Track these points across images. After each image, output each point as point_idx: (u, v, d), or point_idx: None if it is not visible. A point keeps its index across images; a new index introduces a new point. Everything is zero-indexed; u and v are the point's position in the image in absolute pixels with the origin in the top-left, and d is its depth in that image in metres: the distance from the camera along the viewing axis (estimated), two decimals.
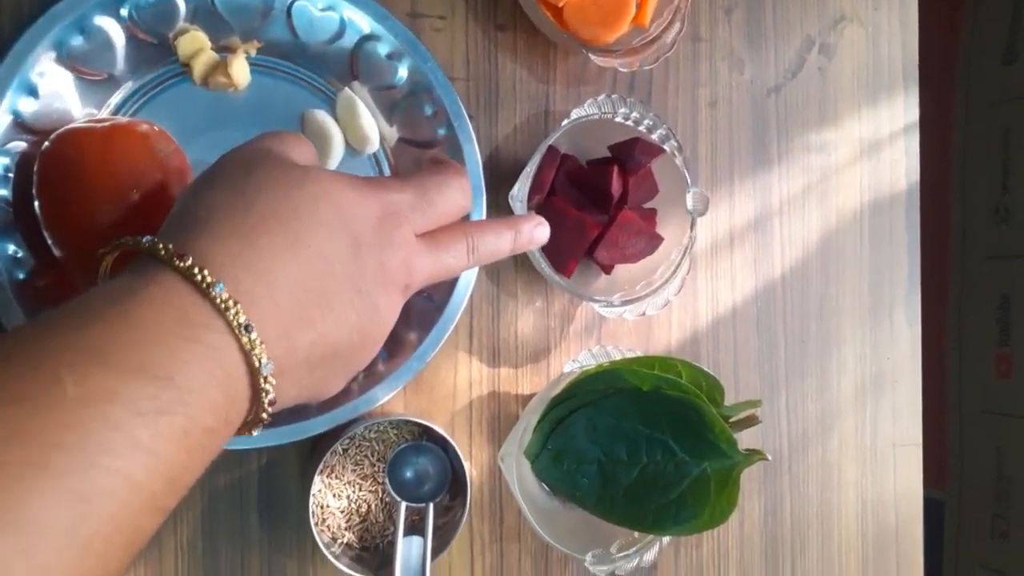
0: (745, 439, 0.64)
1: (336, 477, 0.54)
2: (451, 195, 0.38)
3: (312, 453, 0.54)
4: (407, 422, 0.54)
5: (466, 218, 0.53)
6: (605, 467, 0.56)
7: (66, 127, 0.45)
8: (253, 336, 0.30)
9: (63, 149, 0.43)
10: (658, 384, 0.54)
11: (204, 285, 0.29)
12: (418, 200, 0.37)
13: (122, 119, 0.47)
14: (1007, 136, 1.07)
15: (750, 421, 0.56)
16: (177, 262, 0.30)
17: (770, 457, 0.54)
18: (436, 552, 0.52)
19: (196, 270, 0.30)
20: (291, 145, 0.37)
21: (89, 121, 0.46)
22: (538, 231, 0.43)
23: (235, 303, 0.30)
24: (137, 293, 0.29)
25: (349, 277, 0.33)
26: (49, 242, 0.45)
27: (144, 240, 0.31)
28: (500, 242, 0.41)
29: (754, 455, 0.53)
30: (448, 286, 0.55)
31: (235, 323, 0.29)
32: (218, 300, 0.29)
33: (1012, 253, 1.06)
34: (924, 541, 0.73)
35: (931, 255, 0.89)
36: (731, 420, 0.56)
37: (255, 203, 0.32)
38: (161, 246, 0.30)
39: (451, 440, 0.53)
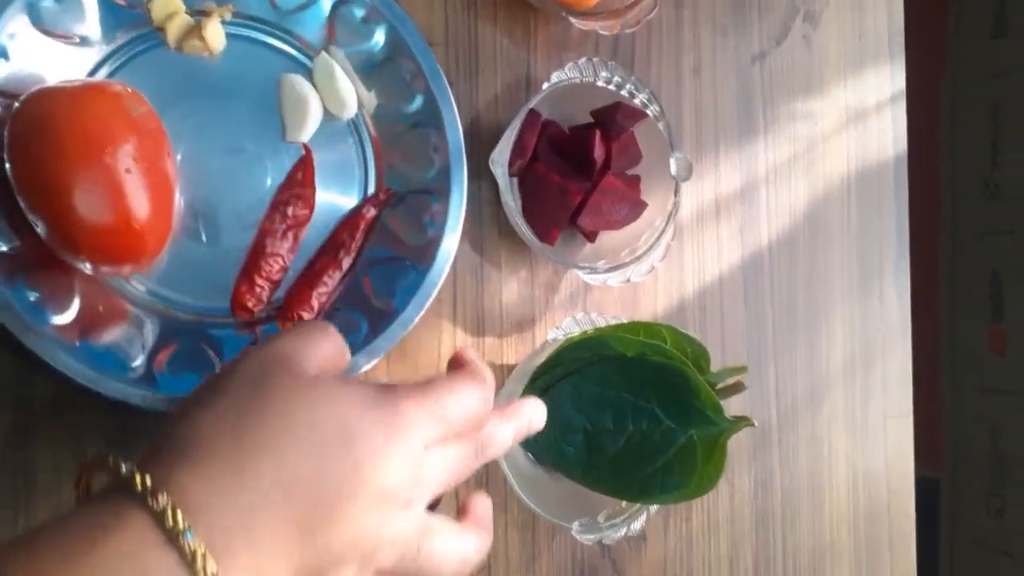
0: (733, 410, 0.63)
1: None
2: (469, 409, 0.37)
3: None
4: None
5: (437, 217, 0.51)
6: (591, 436, 0.55)
7: (37, 88, 0.44)
8: None
9: (33, 109, 0.43)
10: (643, 350, 0.54)
11: (175, 532, 0.28)
12: (433, 417, 0.36)
13: (93, 80, 0.46)
14: (996, 112, 1.06)
15: (736, 388, 0.55)
16: (152, 503, 0.29)
17: (757, 423, 0.53)
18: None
19: (169, 513, 0.28)
20: (312, 346, 0.35)
21: (60, 83, 0.45)
22: (535, 417, 0.43)
23: (204, 554, 0.28)
24: (97, 540, 0.28)
25: (340, 503, 0.32)
26: (22, 207, 0.44)
27: (124, 468, 0.30)
28: (505, 439, 0.40)
29: (741, 421, 0.53)
30: (430, 253, 0.54)
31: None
32: (186, 550, 0.28)
33: (1002, 229, 1.05)
34: (920, 521, 0.72)
35: (921, 232, 0.89)
36: (717, 387, 0.55)
37: (253, 430, 0.31)
38: (138, 479, 0.29)
39: None
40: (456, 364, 0.41)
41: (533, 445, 0.57)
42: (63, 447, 0.49)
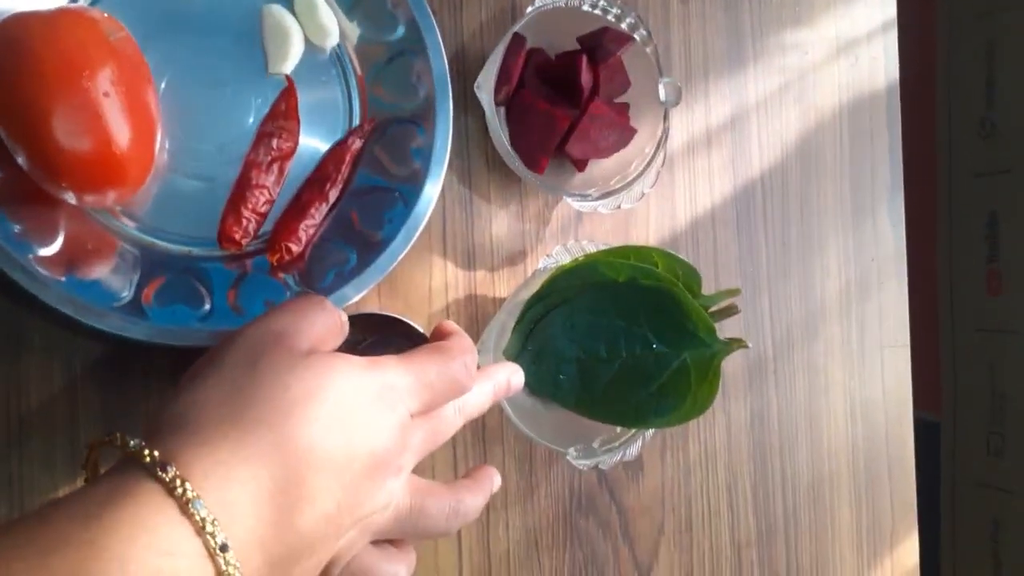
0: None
1: None
2: (453, 377, 0.39)
3: None
4: (387, 319, 0.53)
5: (423, 147, 0.51)
6: (584, 365, 0.55)
7: (11, 14, 0.43)
8: (229, 556, 0.30)
9: (8, 34, 0.42)
10: (633, 275, 0.53)
11: (184, 499, 0.29)
12: (417, 384, 0.38)
13: (69, 5, 0.45)
14: (992, 49, 1.05)
15: (729, 310, 0.55)
16: (160, 473, 0.30)
17: (750, 344, 0.53)
18: None
19: (179, 483, 0.30)
20: (308, 321, 0.37)
21: (35, 10, 0.44)
22: (514, 378, 0.46)
23: (214, 520, 0.30)
24: (111, 511, 0.29)
25: (336, 471, 0.33)
26: (2, 137, 0.44)
27: (132, 443, 0.31)
28: (483, 399, 0.43)
29: (733, 343, 0.53)
30: (417, 183, 0.54)
31: (212, 544, 0.29)
32: (196, 518, 0.29)
33: (998, 168, 1.04)
34: (920, 464, 0.73)
35: (917, 171, 0.88)
36: (710, 310, 0.55)
37: (250, 403, 0.33)
38: (147, 453, 0.30)
39: (422, 330, 0.52)
40: (439, 334, 0.43)
41: (528, 378, 0.56)
42: (56, 377, 0.49)
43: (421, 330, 0.52)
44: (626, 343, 0.54)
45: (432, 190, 0.54)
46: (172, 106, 0.51)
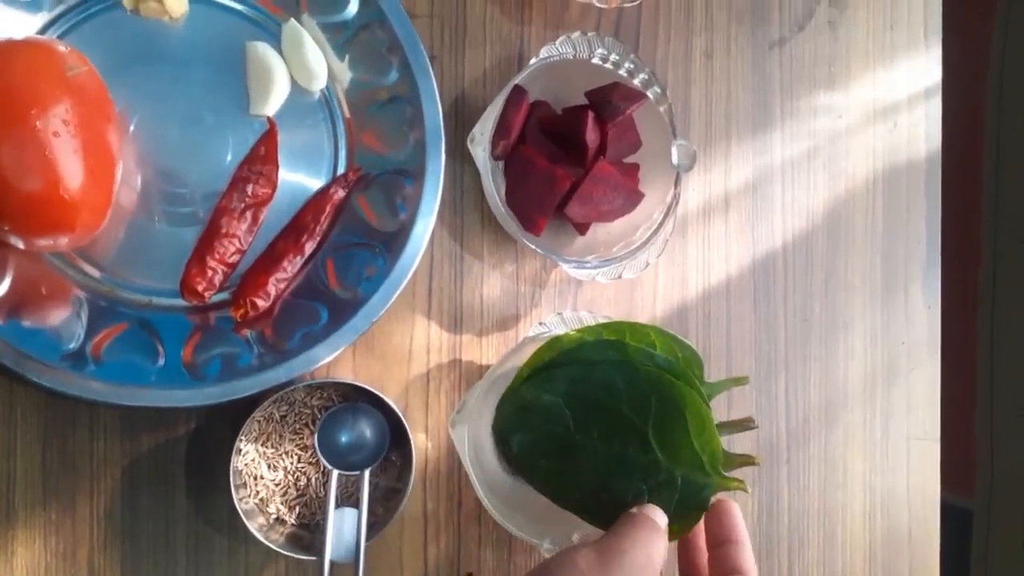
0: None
1: (272, 446, 0.49)
2: None
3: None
4: (354, 388, 0.49)
5: (410, 200, 0.48)
6: (567, 438, 0.49)
7: None
8: None
9: None
10: (646, 362, 0.47)
11: None
12: None
13: (25, 37, 0.42)
14: None
15: (745, 424, 0.49)
16: None
17: (748, 489, 0.46)
18: (377, 528, 0.47)
19: None
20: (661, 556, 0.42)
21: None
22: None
23: None
24: None
25: None
26: None
27: None
28: None
29: (733, 482, 0.46)
30: (401, 239, 0.50)
31: None
32: None
33: None
34: (949, 554, 0.66)
35: (959, 232, 0.82)
36: (721, 423, 0.48)
37: None
38: None
39: (393, 405, 0.48)
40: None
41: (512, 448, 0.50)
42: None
43: (391, 403, 0.48)
44: (622, 435, 0.48)
45: (417, 245, 0.50)
46: (144, 144, 0.48)
